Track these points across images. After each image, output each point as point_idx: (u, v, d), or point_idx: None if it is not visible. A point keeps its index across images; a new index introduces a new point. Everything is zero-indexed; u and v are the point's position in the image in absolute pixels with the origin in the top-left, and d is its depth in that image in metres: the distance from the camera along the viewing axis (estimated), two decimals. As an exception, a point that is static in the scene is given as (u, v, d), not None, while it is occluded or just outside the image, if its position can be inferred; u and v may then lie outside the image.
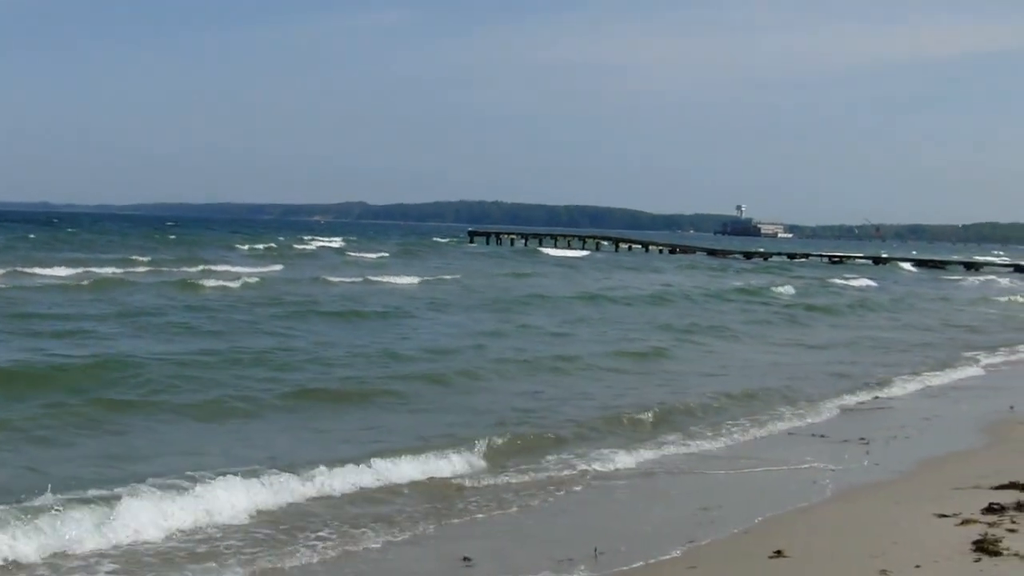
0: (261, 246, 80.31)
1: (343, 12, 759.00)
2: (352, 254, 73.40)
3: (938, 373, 22.51)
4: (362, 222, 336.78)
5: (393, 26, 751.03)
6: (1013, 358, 26.35)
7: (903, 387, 20.41)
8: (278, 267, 52.86)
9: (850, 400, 18.62)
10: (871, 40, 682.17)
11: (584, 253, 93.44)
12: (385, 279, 45.16)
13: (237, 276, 41.43)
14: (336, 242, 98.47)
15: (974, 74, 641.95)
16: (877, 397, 19.02)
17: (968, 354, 26.26)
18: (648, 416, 16.03)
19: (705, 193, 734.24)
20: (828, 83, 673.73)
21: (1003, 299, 49.12)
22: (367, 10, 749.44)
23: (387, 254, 75.25)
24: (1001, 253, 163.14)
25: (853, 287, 56.59)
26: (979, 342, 29.34)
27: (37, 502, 9.68)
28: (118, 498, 9.82)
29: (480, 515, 10.88)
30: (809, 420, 16.63)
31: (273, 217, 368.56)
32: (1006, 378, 22.66)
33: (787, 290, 47.74)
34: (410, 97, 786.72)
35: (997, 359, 25.77)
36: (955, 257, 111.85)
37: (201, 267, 47.65)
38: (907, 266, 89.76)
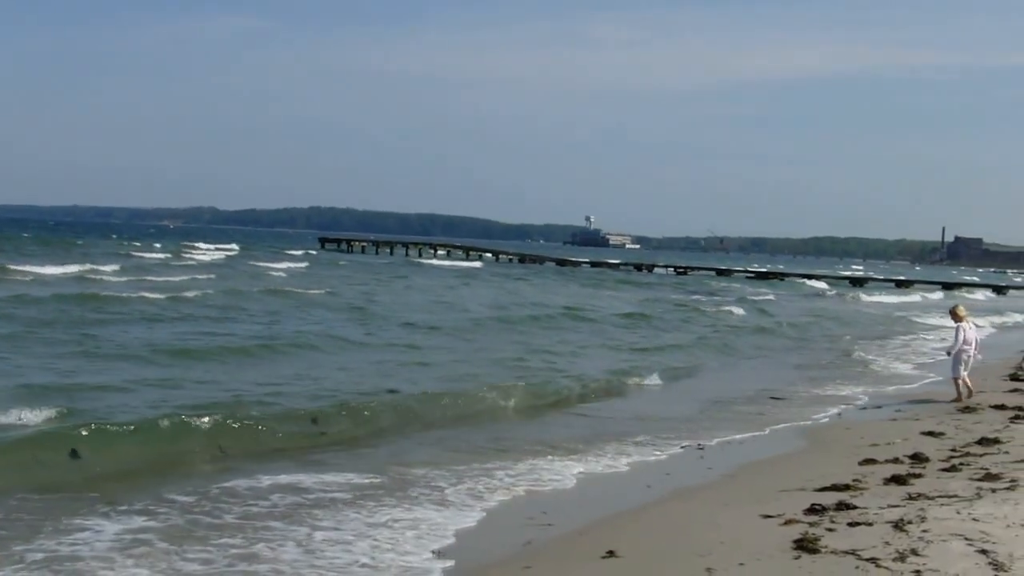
0: (161, 255, 76.60)
1: (187, 18, 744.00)
2: (258, 264, 70.40)
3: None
4: (213, 227, 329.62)
5: (240, 33, 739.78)
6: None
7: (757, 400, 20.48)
8: (211, 276, 52.00)
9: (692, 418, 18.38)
10: (716, 60, 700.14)
11: (479, 264, 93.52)
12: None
13: (184, 286, 40.57)
14: (232, 250, 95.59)
15: (818, 94, 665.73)
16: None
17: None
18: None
19: (555, 204, 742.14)
20: (674, 100, 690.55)
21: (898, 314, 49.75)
22: (211, 17, 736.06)
23: (304, 264, 73.10)
24: (859, 267, 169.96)
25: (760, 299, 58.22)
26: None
27: None
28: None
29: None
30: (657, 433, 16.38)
31: (121, 221, 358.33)
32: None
33: (735, 310, 46.41)
34: (258, 104, 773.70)
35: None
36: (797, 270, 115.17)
37: (130, 277, 46.43)
38: (815, 283, 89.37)
